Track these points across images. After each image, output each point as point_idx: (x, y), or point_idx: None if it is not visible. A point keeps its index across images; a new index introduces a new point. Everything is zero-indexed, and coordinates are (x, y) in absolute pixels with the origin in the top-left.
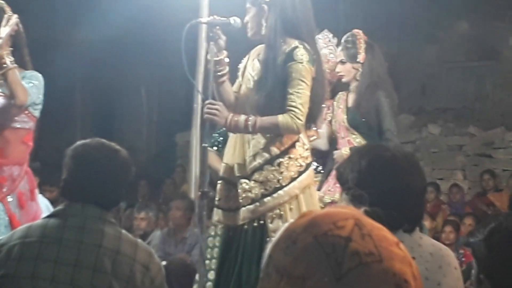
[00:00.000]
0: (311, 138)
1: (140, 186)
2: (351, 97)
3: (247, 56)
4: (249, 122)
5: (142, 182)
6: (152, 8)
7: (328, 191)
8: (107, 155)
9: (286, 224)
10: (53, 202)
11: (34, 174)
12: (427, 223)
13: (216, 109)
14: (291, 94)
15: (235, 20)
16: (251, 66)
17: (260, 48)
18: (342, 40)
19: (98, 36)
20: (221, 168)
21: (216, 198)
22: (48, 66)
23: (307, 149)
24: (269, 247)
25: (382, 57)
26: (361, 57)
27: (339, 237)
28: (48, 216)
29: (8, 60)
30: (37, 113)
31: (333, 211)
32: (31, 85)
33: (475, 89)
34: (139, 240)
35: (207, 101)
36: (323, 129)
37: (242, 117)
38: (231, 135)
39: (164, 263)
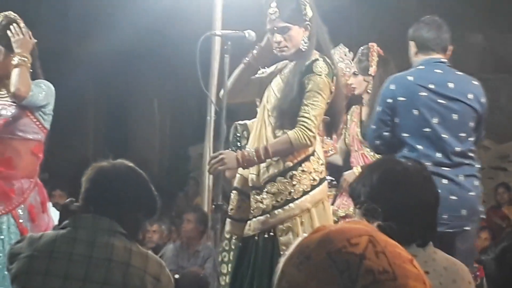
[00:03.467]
0: (330, 153)
1: None
2: (365, 110)
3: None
4: (260, 152)
5: None
6: (165, 20)
7: (342, 205)
8: (124, 175)
9: (299, 239)
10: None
11: (43, 185)
12: None
13: (222, 158)
14: (306, 105)
15: (249, 34)
16: (274, 83)
17: (283, 64)
18: (357, 53)
19: (111, 48)
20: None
21: (229, 208)
22: (61, 78)
23: (322, 164)
24: (281, 262)
25: (396, 71)
26: (372, 70)
27: (353, 254)
28: (59, 228)
29: (25, 60)
30: (47, 125)
31: (347, 227)
32: (37, 87)
33: (489, 101)
34: (149, 252)
35: (209, 158)
36: (340, 144)
37: (252, 150)
38: (248, 144)
39: (176, 276)
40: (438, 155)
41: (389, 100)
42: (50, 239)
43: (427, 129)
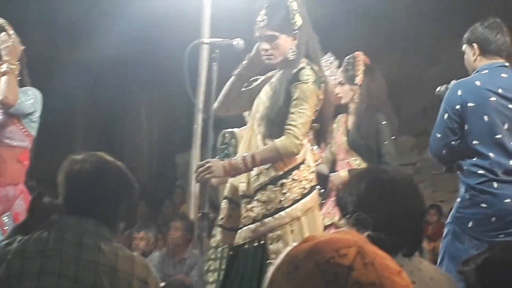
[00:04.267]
0: (316, 163)
1: (139, 206)
2: (351, 119)
3: (258, 81)
4: (248, 160)
5: (141, 202)
6: (153, 28)
7: (328, 213)
8: (98, 166)
9: (288, 248)
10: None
11: (30, 192)
12: (425, 244)
13: (209, 167)
14: (292, 113)
15: (238, 42)
16: (263, 92)
17: (272, 73)
18: (343, 62)
19: (99, 56)
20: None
21: (220, 217)
22: (49, 85)
23: (312, 172)
24: (270, 271)
25: (383, 79)
26: (358, 79)
27: (341, 265)
28: (44, 229)
29: (13, 67)
30: (34, 132)
31: (336, 238)
32: (24, 94)
33: None
34: (135, 254)
35: (196, 166)
36: (326, 153)
37: (239, 159)
38: (239, 153)
39: (162, 284)
40: (511, 162)
41: (457, 107)
42: (39, 239)
43: (498, 136)
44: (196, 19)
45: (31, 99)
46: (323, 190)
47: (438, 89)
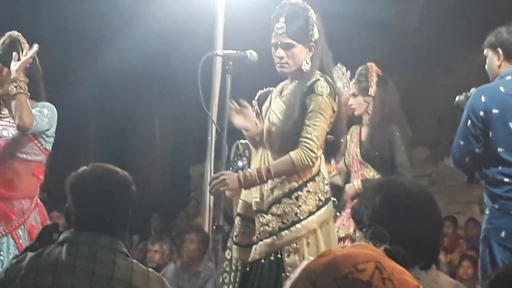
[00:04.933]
0: (331, 174)
1: (153, 218)
2: (364, 131)
3: (269, 95)
4: (262, 172)
5: (155, 214)
6: (167, 40)
7: (343, 225)
8: (104, 177)
9: (305, 263)
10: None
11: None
12: (442, 257)
13: (223, 179)
14: (308, 126)
15: (251, 54)
16: (274, 105)
17: (282, 85)
18: (356, 73)
19: (112, 67)
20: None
21: (234, 235)
22: (62, 97)
23: (327, 184)
24: (287, 286)
25: (396, 90)
26: (372, 90)
27: (360, 281)
28: (58, 244)
29: (21, 85)
30: (49, 146)
31: (353, 252)
32: (40, 114)
33: None
34: (150, 270)
35: (210, 178)
36: (340, 165)
37: (254, 171)
38: (251, 165)
39: None
40: None
41: (481, 113)
42: (54, 253)
43: None
44: (209, 31)
45: (46, 118)
46: (338, 202)
47: (457, 98)
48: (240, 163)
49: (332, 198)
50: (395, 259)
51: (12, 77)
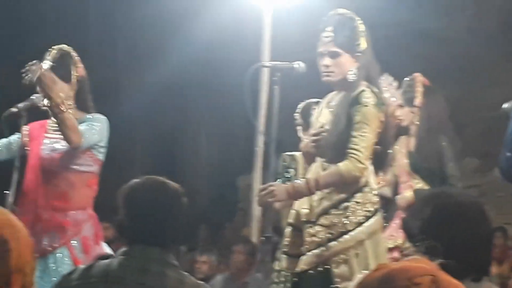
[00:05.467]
0: (379, 185)
1: (200, 229)
2: (412, 142)
3: (318, 106)
4: (311, 183)
5: (203, 225)
6: (213, 51)
7: (391, 236)
8: (155, 189)
9: (360, 277)
10: (109, 241)
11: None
12: (493, 268)
13: (271, 190)
14: (355, 137)
15: (299, 65)
16: (323, 116)
17: (330, 96)
18: (402, 84)
19: (159, 79)
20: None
21: (284, 244)
22: (110, 110)
23: (375, 195)
24: None
25: (444, 100)
26: (418, 101)
27: None
28: (111, 257)
29: (63, 106)
30: (101, 157)
31: (409, 266)
32: (88, 128)
33: None
34: (201, 283)
35: (259, 189)
36: (389, 176)
37: (302, 182)
38: (299, 177)
39: None
40: None
41: None
42: (105, 265)
43: None
44: (256, 42)
45: (96, 132)
46: (386, 213)
47: (505, 105)
48: (287, 175)
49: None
50: (449, 273)
51: (49, 102)
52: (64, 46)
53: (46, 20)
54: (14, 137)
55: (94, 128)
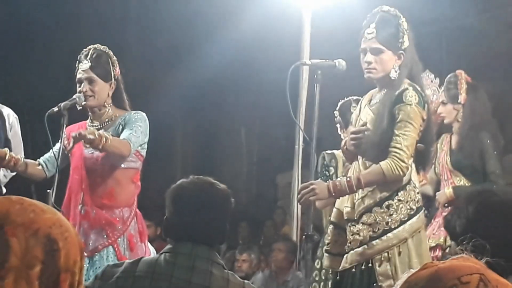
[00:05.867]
0: (421, 183)
1: (240, 227)
2: (454, 139)
3: (359, 104)
4: (353, 182)
5: (242, 223)
6: (253, 49)
7: (433, 235)
8: (204, 190)
9: (406, 275)
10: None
11: None
12: None
13: (313, 189)
14: (397, 136)
15: (339, 63)
16: (364, 114)
17: (371, 94)
18: (445, 81)
19: (198, 78)
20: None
21: (326, 243)
22: (149, 109)
23: (418, 193)
24: None
25: (487, 97)
26: (462, 98)
27: None
28: (158, 254)
29: (101, 139)
30: (144, 152)
31: (456, 265)
32: (133, 131)
33: None
34: (246, 281)
35: (300, 188)
36: (430, 174)
37: (343, 180)
38: (338, 175)
39: None
40: None
41: None
42: (151, 261)
43: None
44: (296, 40)
45: (139, 133)
46: (428, 211)
47: None
48: (327, 173)
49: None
50: (495, 271)
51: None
52: (99, 46)
53: (85, 19)
54: (56, 148)
55: (138, 130)
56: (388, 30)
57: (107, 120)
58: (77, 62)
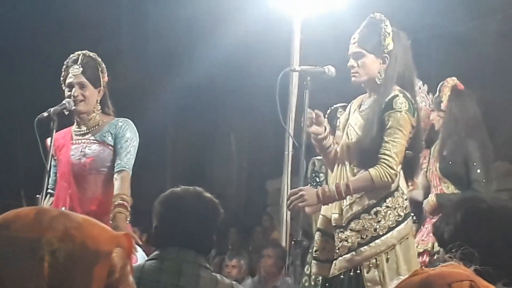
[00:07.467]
0: (409, 189)
1: (230, 233)
2: (441, 146)
3: (347, 109)
4: (341, 188)
5: (232, 229)
6: (243, 55)
7: (422, 241)
8: (192, 199)
9: (397, 282)
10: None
11: None
12: None
13: (302, 195)
14: (387, 142)
15: (329, 69)
16: (353, 120)
17: (360, 99)
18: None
19: (189, 84)
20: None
21: (314, 250)
22: (140, 114)
23: (406, 199)
24: None
25: (474, 104)
26: (443, 105)
27: None
28: (145, 260)
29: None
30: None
31: (447, 271)
32: (130, 154)
33: None
34: (234, 283)
35: (289, 194)
36: (420, 180)
37: (332, 186)
38: (329, 181)
39: None
40: None
41: None
42: (138, 267)
43: None
44: (286, 46)
45: (130, 153)
46: (417, 217)
47: None
48: (317, 179)
49: (411, 214)
50: (484, 278)
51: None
52: (88, 52)
53: (78, 25)
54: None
55: (132, 150)
56: (369, 34)
57: (94, 125)
58: (64, 67)
